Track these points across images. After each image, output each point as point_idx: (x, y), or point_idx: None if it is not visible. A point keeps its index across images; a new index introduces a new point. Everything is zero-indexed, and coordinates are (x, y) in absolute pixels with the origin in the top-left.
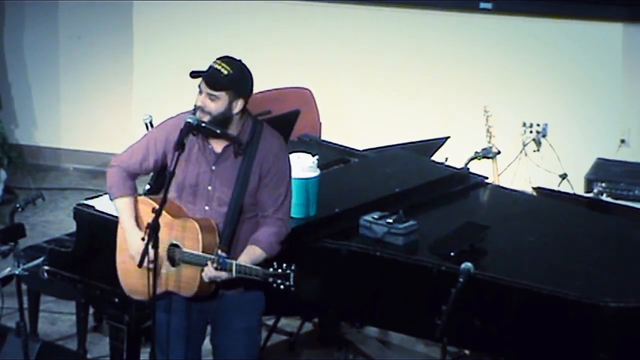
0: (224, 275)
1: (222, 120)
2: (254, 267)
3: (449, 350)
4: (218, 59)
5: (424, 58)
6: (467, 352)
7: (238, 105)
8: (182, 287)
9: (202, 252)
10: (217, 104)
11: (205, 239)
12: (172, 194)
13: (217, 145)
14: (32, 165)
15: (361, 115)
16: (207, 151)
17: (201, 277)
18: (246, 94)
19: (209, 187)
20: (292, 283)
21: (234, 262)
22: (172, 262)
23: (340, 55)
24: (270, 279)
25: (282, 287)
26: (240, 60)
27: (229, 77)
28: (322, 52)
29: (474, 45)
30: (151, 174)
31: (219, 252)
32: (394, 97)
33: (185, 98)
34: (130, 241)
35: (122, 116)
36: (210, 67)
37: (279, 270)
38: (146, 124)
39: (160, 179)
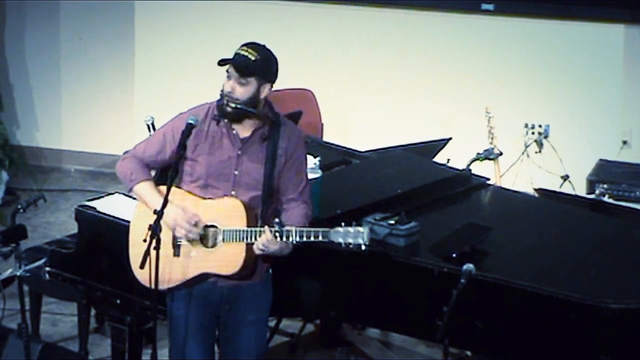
0: (277, 245)
1: (250, 106)
2: (319, 229)
3: (450, 351)
4: (244, 45)
5: (425, 59)
6: (468, 353)
7: (265, 90)
8: (222, 265)
9: (247, 226)
10: (246, 90)
11: (249, 214)
12: (191, 186)
13: (243, 131)
14: (33, 166)
15: (363, 117)
16: (232, 137)
17: (247, 253)
18: (273, 78)
19: (236, 172)
20: (365, 241)
21: (293, 227)
22: (206, 243)
23: (341, 56)
24: (341, 239)
25: (351, 247)
26: (265, 46)
27: (257, 62)
28: (323, 54)
29: (475, 47)
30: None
31: (275, 220)
32: (395, 99)
33: (186, 99)
34: (168, 217)
35: (123, 117)
36: (237, 53)
37: (350, 230)
38: (147, 125)
39: (162, 179)
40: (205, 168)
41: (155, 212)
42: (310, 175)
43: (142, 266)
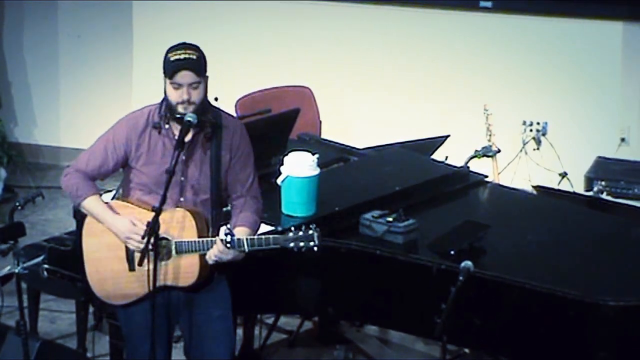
0: (230, 254)
1: (204, 106)
2: (270, 236)
3: (448, 348)
4: (174, 50)
5: (423, 57)
6: (466, 350)
7: (207, 83)
8: (180, 277)
9: (198, 237)
10: (199, 91)
11: (198, 224)
12: (137, 194)
13: (186, 135)
14: (31, 163)
15: (361, 114)
16: (175, 142)
17: (201, 264)
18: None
19: (182, 178)
20: (317, 243)
21: (243, 237)
22: (160, 256)
23: (340, 54)
24: (292, 244)
25: (304, 249)
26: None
27: (201, 59)
28: (322, 51)
29: (473, 44)
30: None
31: (224, 228)
32: (393, 96)
33: None
34: (119, 228)
35: (121, 115)
36: (179, 59)
37: (300, 233)
38: None
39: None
40: (150, 178)
41: (153, 209)
42: (309, 173)
43: (140, 263)
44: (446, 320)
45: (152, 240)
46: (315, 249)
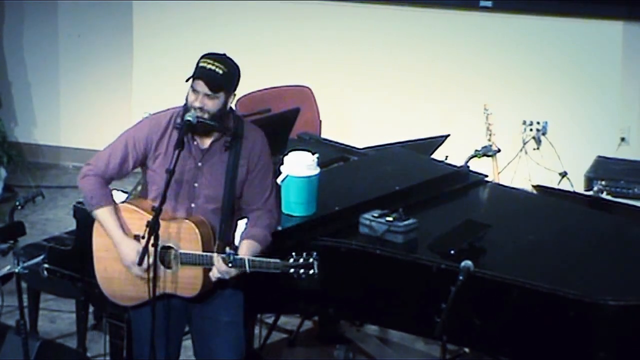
0: (233, 272)
1: (219, 117)
2: (270, 260)
3: (448, 348)
4: (207, 57)
5: (424, 56)
6: (466, 350)
7: (232, 100)
8: (183, 287)
9: (203, 251)
10: (216, 103)
11: (203, 237)
12: (152, 195)
13: (204, 142)
14: (31, 163)
15: (361, 114)
16: (193, 148)
17: (204, 276)
18: (236, 89)
19: (195, 184)
20: (316, 271)
21: (245, 257)
22: (165, 264)
23: (340, 53)
24: (292, 270)
25: (303, 276)
26: (226, 55)
27: (225, 76)
28: (322, 51)
29: (474, 44)
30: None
31: (227, 249)
32: (393, 96)
33: (184, 95)
34: (123, 252)
35: (121, 114)
36: (204, 67)
37: (301, 261)
38: None
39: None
40: (163, 181)
41: (153, 208)
42: (309, 172)
43: (140, 263)
44: (446, 320)
45: (151, 242)
46: (315, 277)
